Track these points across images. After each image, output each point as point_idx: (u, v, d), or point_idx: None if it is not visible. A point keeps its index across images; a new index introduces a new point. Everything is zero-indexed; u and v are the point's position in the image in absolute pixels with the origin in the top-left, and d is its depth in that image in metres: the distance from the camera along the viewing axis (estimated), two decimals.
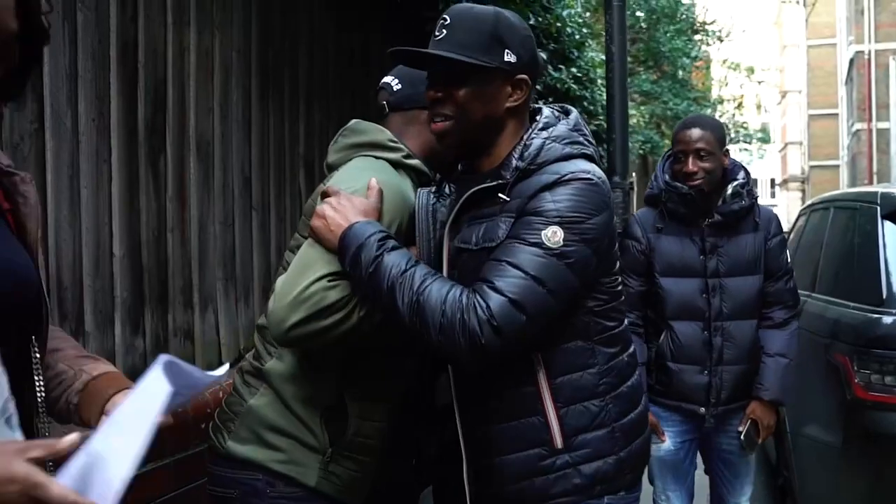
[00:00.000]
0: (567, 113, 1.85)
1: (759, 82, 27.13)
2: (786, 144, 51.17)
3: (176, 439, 2.56)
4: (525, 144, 1.75)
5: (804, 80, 43.51)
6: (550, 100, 6.01)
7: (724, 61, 23.73)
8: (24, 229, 1.35)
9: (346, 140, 2.02)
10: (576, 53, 7.17)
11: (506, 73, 1.76)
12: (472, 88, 1.75)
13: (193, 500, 2.60)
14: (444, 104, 1.77)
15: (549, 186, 1.68)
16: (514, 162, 1.73)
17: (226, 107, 3.32)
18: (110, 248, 2.72)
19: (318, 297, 1.72)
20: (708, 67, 22.83)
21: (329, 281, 1.74)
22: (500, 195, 1.72)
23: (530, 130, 1.78)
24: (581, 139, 1.79)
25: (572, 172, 1.69)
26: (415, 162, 1.99)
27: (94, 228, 2.66)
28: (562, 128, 1.79)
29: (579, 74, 7.09)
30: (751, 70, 25.27)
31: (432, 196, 1.90)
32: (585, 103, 7.27)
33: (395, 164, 1.96)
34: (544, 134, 1.76)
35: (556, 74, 6.48)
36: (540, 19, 6.06)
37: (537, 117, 1.81)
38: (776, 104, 55.90)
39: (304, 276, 1.75)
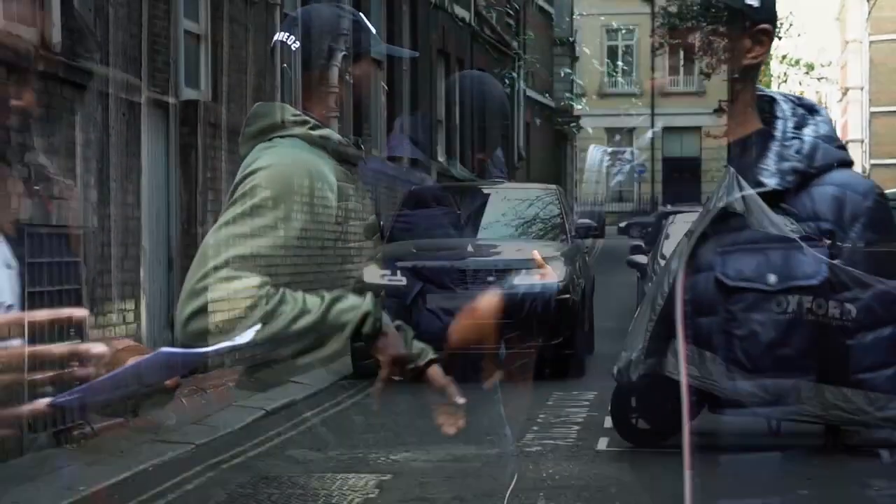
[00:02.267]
0: (811, 109, 1.47)
1: (820, 79, 26.54)
2: (846, 142, 49.99)
3: None
4: (785, 144, 1.37)
5: (866, 76, 42.46)
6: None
7: (784, 57, 23.29)
8: None
9: (250, 128, 1.87)
10: None
11: (746, 21, 1.40)
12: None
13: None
14: None
15: (859, 215, 1.36)
16: (772, 163, 1.36)
17: (261, 99, 3.33)
18: (139, 241, 2.76)
19: (211, 288, 1.60)
20: (767, 64, 22.43)
21: (229, 271, 1.62)
22: (782, 205, 1.35)
23: (780, 125, 1.40)
24: (842, 142, 1.49)
25: (878, 194, 1.38)
26: (322, 132, 1.82)
27: (123, 221, 2.69)
28: (825, 126, 1.45)
29: None
30: (810, 66, 24.76)
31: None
32: None
33: (307, 140, 1.80)
34: (809, 132, 1.40)
35: None
36: None
37: (774, 107, 1.44)
38: (837, 101, 54.66)
39: (199, 267, 1.64)
